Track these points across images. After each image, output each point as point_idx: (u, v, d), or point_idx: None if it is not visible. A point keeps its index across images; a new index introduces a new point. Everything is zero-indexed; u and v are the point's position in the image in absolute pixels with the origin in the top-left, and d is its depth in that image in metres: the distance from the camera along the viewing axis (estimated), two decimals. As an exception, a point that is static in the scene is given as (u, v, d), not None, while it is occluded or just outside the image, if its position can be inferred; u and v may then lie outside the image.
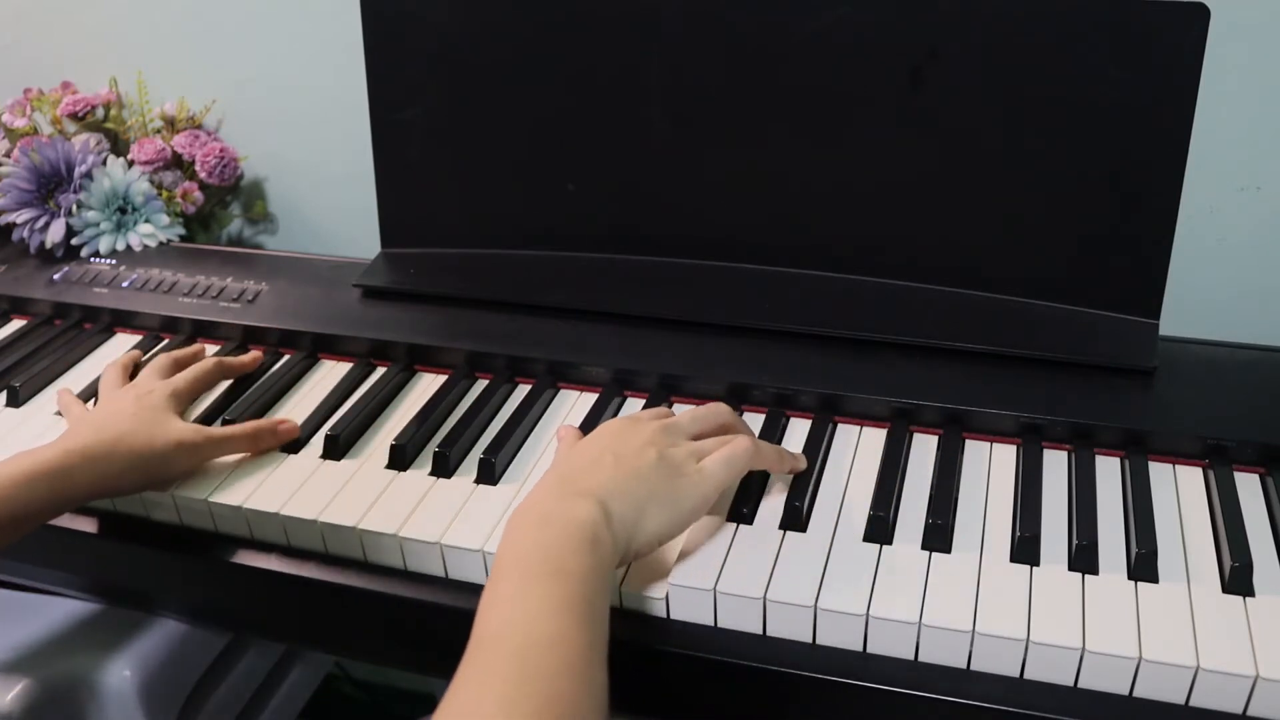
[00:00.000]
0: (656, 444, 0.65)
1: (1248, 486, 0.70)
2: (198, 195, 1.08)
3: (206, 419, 0.82)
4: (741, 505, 0.69)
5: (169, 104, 1.11)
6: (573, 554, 0.56)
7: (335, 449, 0.77)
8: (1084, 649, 0.59)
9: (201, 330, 0.93)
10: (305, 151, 1.12)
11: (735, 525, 0.68)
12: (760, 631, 0.64)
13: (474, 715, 0.48)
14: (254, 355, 0.88)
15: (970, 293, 0.83)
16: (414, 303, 0.91)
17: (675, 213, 0.88)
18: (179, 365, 0.84)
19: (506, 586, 0.55)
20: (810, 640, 0.63)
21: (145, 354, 0.90)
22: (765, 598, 0.63)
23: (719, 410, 0.71)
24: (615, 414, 0.80)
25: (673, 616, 0.65)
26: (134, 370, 0.85)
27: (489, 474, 0.74)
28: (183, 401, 0.80)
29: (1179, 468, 0.72)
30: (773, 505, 0.69)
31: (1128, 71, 0.75)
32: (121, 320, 0.96)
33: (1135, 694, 0.59)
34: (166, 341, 0.93)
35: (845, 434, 0.76)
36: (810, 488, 0.71)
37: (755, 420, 0.77)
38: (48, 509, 0.70)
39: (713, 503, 0.65)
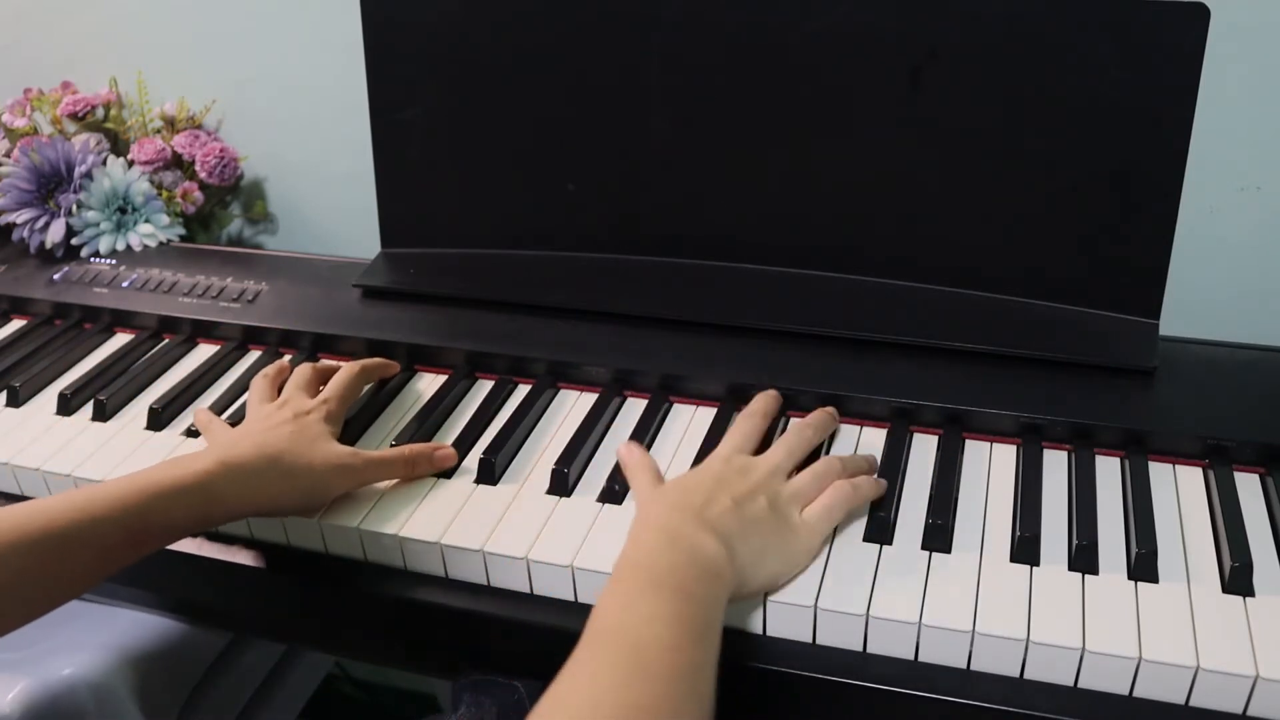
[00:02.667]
0: (765, 491, 0.65)
1: (1248, 486, 0.70)
2: (198, 195, 1.08)
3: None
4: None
5: (169, 104, 1.11)
6: (696, 580, 0.57)
7: (335, 449, 0.77)
8: (1084, 649, 0.59)
9: (201, 330, 0.93)
10: (305, 151, 1.12)
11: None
12: (760, 631, 0.64)
13: (578, 695, 0.49)
14: (392, 362, 0.86)
15: (970, 293, 0.83)
16: (414, 303, 0.90)
17: (675, 213, 0.88)
18: (321, 378, 0.81)
19: (630, 587, 0.56)
20: (810, 640, 0.63)
21: (278, 369, 0.84)
22: (765, 598, 0.63)
23: (817, 424, 0.73)
24: (615, 414, 0.80)
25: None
26: (279, 387, 0.80)
27: (489, 474, 0.74)
28: (337, 422, 0.76)
29: (1179, 468, 0.72)
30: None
31: (1128, 71, 0.75)
32: (121, 320, 0.96)
33: (1135, 694, 0.59)
34: (167, 341, 0.93)
35: (845, 434, 0.76)
36: (810, 488, 0.71)
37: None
38: (191, 524, 0.66)
39: (818, 552, 0.66)
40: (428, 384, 0.85)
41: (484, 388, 0.84)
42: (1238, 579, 0.62)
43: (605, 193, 0.89)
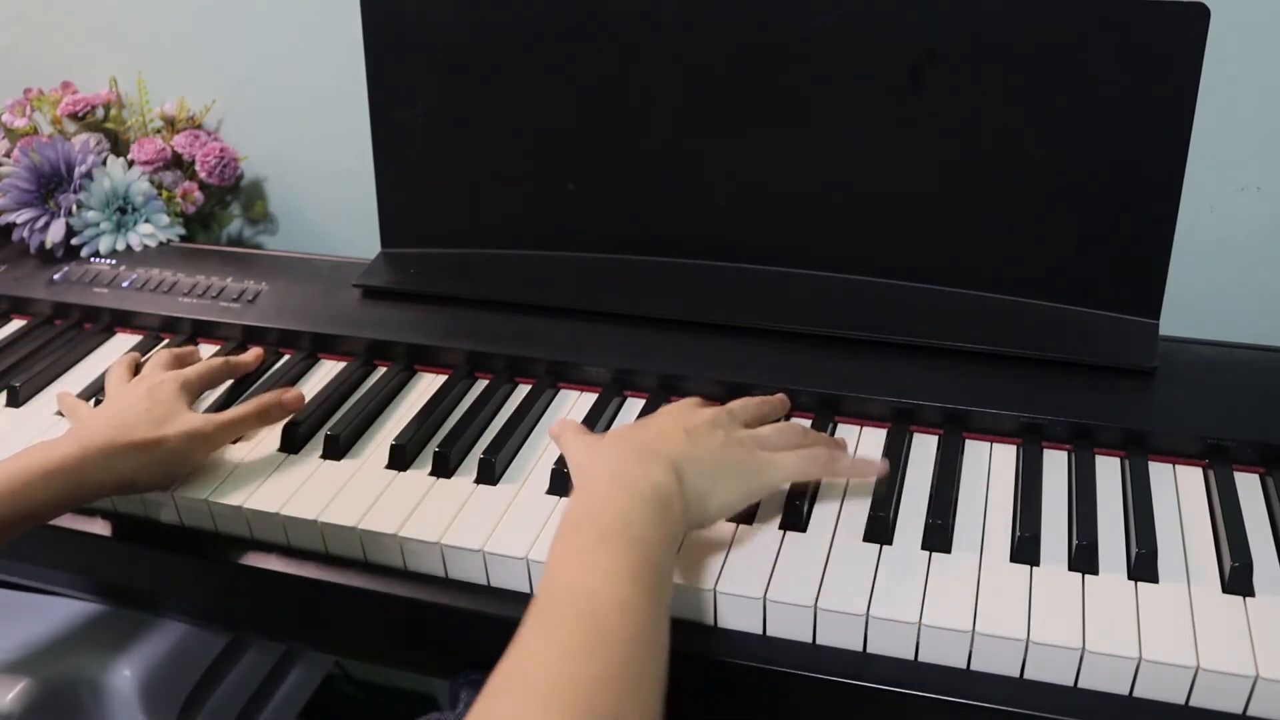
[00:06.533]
0: (721, 425, 0.67)
1: (1248, 486, 0.70)
2: (198, 195, 1.08)
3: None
4: (741, 505, 0.69)
5: (169, 104, 1.11)
6: (644, 520, 0.57)
7: (335, 449, 0.77)
8: (1084, 649, 0.59)
9: (202, 330, 0.93)
10: (305, 151, 1.12)
11: (735, 525, 0.68)
12: (760, 631, 0.64)
13: (541, 668, 0.49)
14: (255, 353, 0.88)
15: (970, 293, 0.83)
16: (414, 303, 0.90)
17: (675, 212, 0.88)
18: (180, 362, 0.84)
19: (578, 541, 0.56)
20: (810, 640, 0.63)
21: (144, 355, 0.89)
22: (765, 598, 0.63)
23: (773, 401, 0.75)
24: (615, 414, 0.80)
25: (673, 615, 0.65)
26: (136, 369, 0.85)
27: (489, 474, 0.74)
28: (193, 392, 0.80)
29: (1179, 468, 0.72)
30: (773, 505, 0.69)
31: (1128, 71, 0.75)
32: (121, 320, 0.96)
33: (1135, 694, 0.59)
34: (166, 342, 0.93)
35: (845, 434, 0.76)
36: (810, 488, 0.71)
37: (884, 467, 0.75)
38: (60, 506, 0.69)
39: (779, 487, 0.67)
40: (428, 384, 0.85)
41: (484, 388, 0.84)
42: (1238, 579, 0.62)
43: (605, 192, 0.89)
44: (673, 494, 0.60)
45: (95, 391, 0.85)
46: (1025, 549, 0.65)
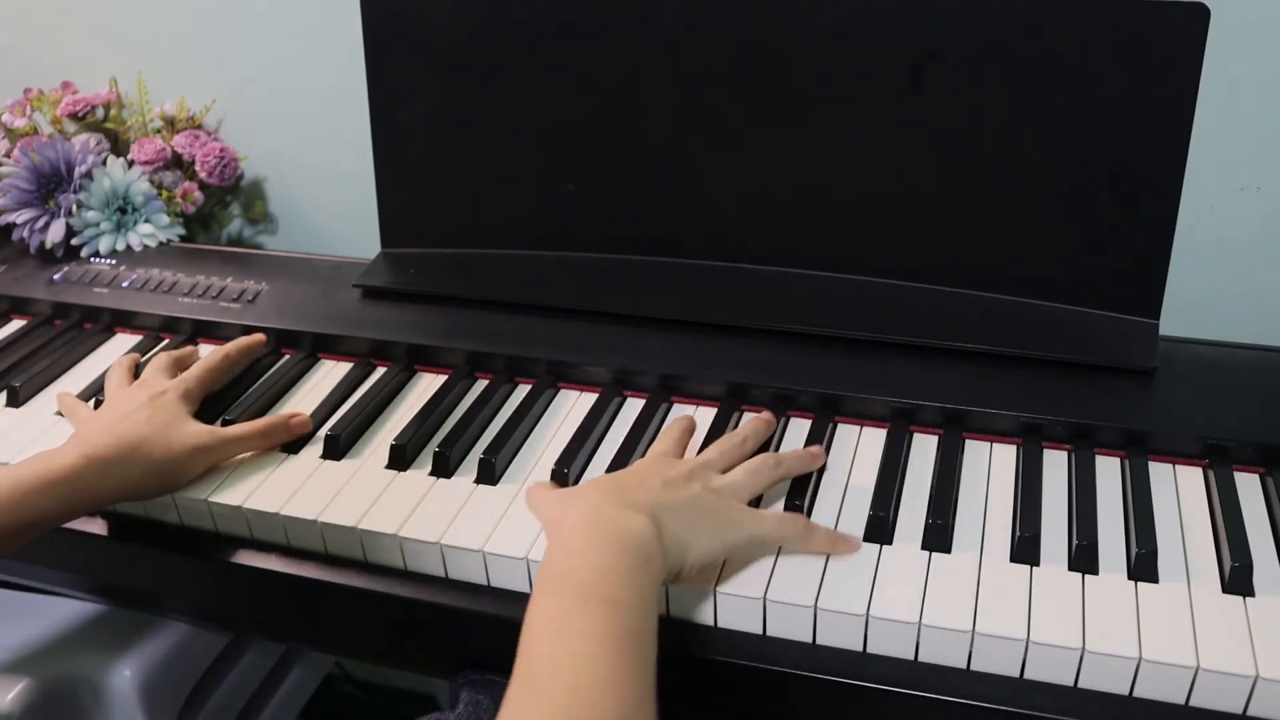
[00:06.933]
0: (698, 476, 0.66)
1: (1248, 486, 0.70)
2: (198, 195, 1.08)
3: (208, 419, 0.81)
4: (741, 505, 0.69)
5: (169, 104, 1.11)
6: (623, 576, 0.56)
7: (335, 449, 0.77)
8: (1084, 649, 0.59)
9: (202, 330, 0.93)
10: (305, 151, 1.12)
11: (735, 525, 0.68)
12: (760, 631, 0.64)
13: None
14: (257, 337, 0.87)
15: (970, 293, 0.83)
16: (414, 303, 0.90)
17: (675, 212, 0.88)
18: (180, 364, 0.84)
19: (556, 605, 0.55)
20: (810, 640, 0.63)
21: (144, 356, 0.89)
22: (765, 598, 0.63)
23: (750, 435, 0.72)
24: (615, 414, 0.80)
25: (672, 616, 0.65)
26: (136, 371, 0.85)
27: (489, 474, 0.74)
28: (194, 400, 0.79)
29: (1179, 468, 0.72)
30: (773, 506, 0.69)
31: (1128, 71, 0.75)
32: (121, 320, 0.96)
33: (1135, 694, 0.59)
34: (166, 342, 0.93)
35: (845, 434, 0.76)
36: (810, 488, 0.71)
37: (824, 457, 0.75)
38: (62, 514, 0.70)
39: (758, 545, 0.65)
40: (428, 384, 0.85)
41: (484, 388, 0.84)
42: (1238, 579, 0.62)
43: (605, 192, 0.89)
44: (652, 543, 0.58)
45: (95, 392, 0.85)
46: (1025, 549, 0.65)
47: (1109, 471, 0.72)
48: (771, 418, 0.75)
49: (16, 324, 0.99)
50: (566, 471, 0.72)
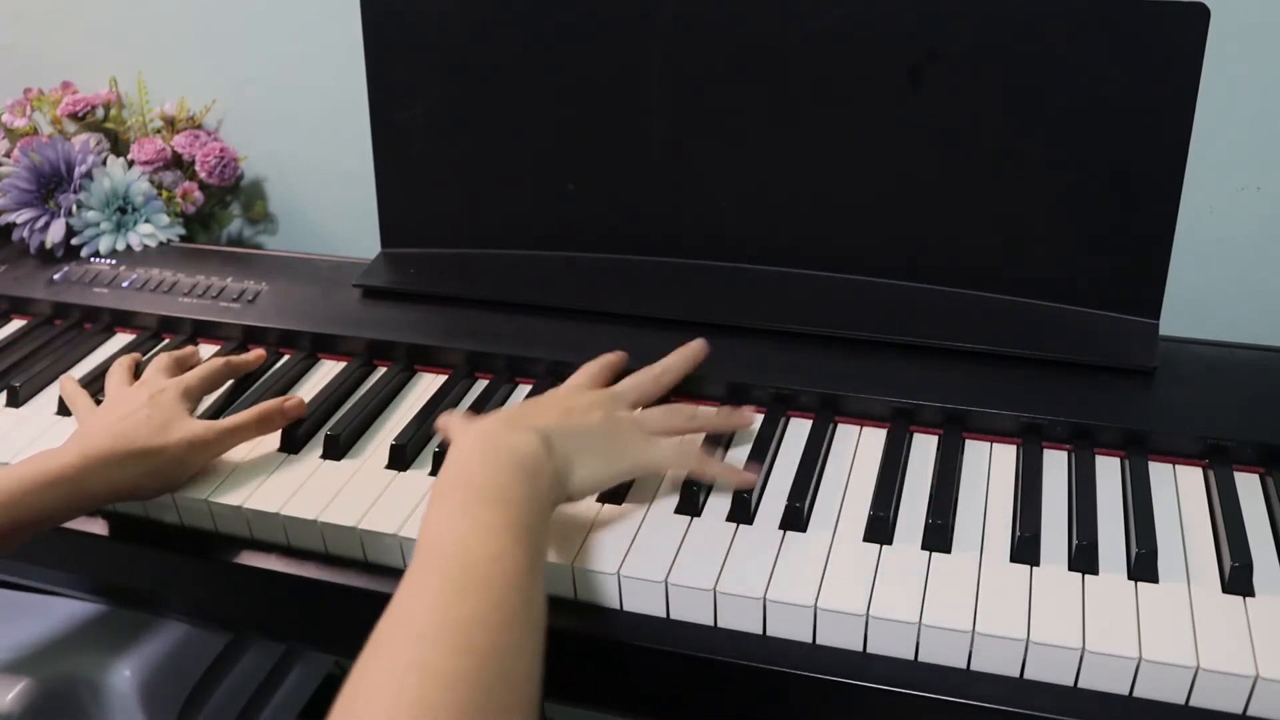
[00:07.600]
0: (603, 407, 0.70)
1: (1248, 486, 0.70)
2: (198, 195, 1.08)
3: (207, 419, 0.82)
4: (741, 506, 0.69)
5: (169, 104, 1.11)
6: (513, 482, 0.59)
7: (335, 449, 0.77)
8: (1084, 649, 0.59)
9: (201, 330, 0.93)
10: (305, 151, 1.12)
11: (735, 525, 0.68)
12: (760, 631, 0.64)
13: (416, 613, 0.50)
14: (258, 353, 0.88)
15: (970, 293, 0.83)
16: (414, 303, 0.90)
17: (675, 212, 0.88)
18: (181, 364, 0.84)
19: (450, 505, 0.57)
20: (810, 640, 0.63)
21: (143, 355, 0.89)
22: (765, 598, 0.63)
23: (655, 375, 0.76)
24: (615, 414, 0.80)
25: (673, 617, 0.65)
26: (137, 371, 0.85)
27: (489, 474, 0.74)
28: (194, 399, 0.79)
29: (1179, 468, 0.72)
30: (773, 505, 0.69)
31: (1128, 71, 0.75)
32: (121, 320, 0.96)
33: (1135, 694, 0.59)
34: (167, 341, 0.93)
35: (845, 434, 0.76)
36: (810, 488, 0.71)
37: (755, 420, 0.77)
38: (62, 513, 0.70)
39: (649, 472, 0.70)
40: (428, 384, 0.85)
41: (484, 388, 0.83)
42: (1238, 579, 0.62)
43: (605, 192, 0.89)
44: (541, 461, 0.62)
45: (95, 391, 0.85)
46: (1025, 549, 0.65)
47: (1109, 471, 0.72)
48: (700, 344, 0.78)
49: (16, 324, 0.99)
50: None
